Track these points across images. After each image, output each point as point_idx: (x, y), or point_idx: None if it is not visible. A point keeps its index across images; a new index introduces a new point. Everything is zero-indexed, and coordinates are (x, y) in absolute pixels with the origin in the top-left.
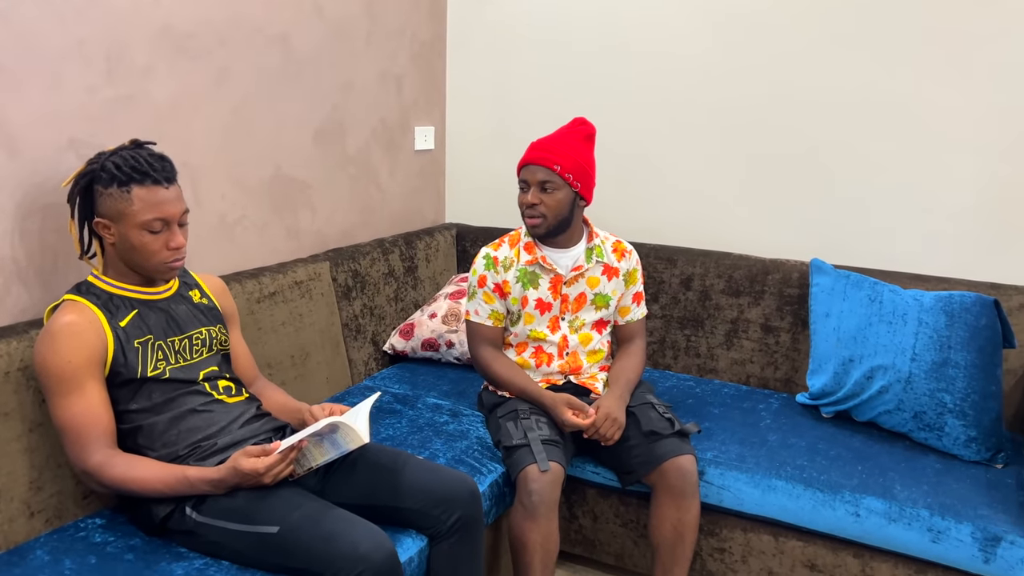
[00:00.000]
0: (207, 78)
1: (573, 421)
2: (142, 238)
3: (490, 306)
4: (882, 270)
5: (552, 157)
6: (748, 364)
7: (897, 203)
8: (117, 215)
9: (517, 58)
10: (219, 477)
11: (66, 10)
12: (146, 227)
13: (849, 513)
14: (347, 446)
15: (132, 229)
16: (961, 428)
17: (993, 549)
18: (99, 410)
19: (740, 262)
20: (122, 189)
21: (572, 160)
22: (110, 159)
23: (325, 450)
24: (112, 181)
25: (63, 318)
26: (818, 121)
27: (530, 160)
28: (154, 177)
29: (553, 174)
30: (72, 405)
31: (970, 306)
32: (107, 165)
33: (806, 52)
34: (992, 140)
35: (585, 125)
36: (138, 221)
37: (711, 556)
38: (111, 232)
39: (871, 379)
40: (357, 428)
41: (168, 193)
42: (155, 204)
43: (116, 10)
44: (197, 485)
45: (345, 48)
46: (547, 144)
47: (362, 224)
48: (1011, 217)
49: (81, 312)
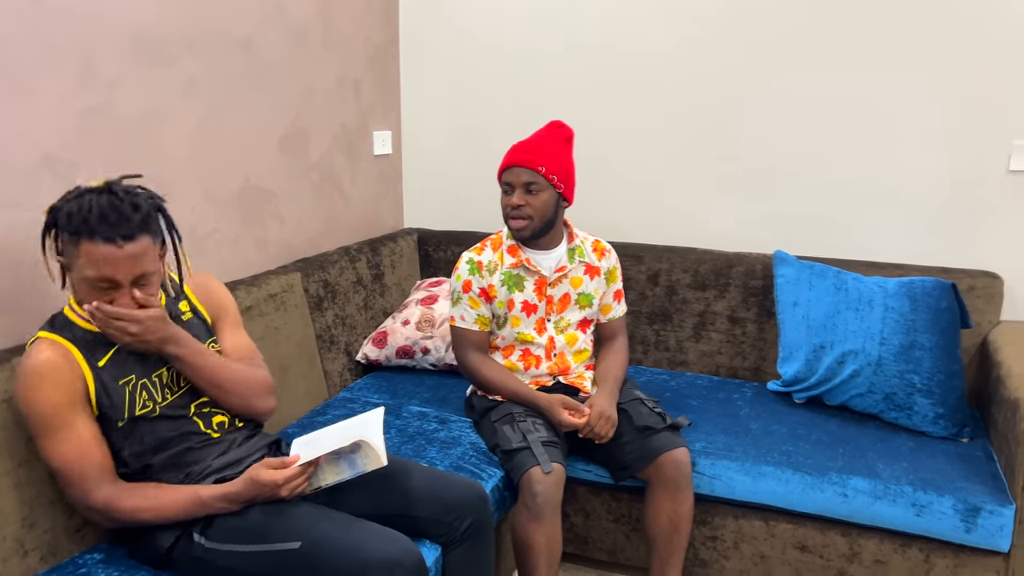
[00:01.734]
0: (176, 86)
1: (570, 421)
2: (88, 293)
3: (476, 311)
4: (841, 259)
5: (536, 159)
6: (717, 355)
7: (851, 195)
8: (69, 261)
9: (471, 60)
10: (235, 491)
11: (38, 19)
12: (90, 284)
13: (837, 494)
14: (364, 467)
15: (79, 281)
16: (929, 406)
17: (974, 519)
18: (91, 445)
19: (705, 256)
20: (72, 239)
21: (555, 161)
22: (69, 203)
23: (340, 469)
24: (65, 228)
25: (38, 356)
26: (774, 119)
27: (514, 162)
28: (104, 235)
29: (538, 175)
30: (61, 444)
31: (931, 290)
32: (64, 208)
33: (763, 52)
34: (936, 133)
35: (563, 128)
36: (82, 275)
37: (703, 545)
38: (69, 272)
39: (843, 364)
40: (379, 450)
41: (119, 253)
42: (100, 263)
43: (87, 17)
44: (212, 503)
45: (305, 53)
46: (529, 146)
47: (326, 232)
48: (955, 205)
49: (55, 350)
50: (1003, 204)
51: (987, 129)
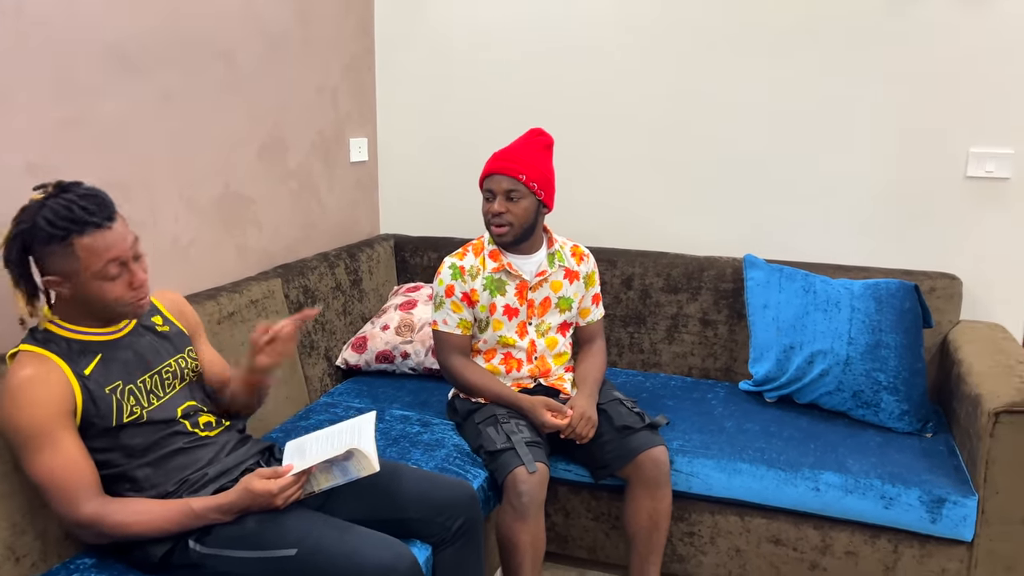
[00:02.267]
0: (155, 95)
1: (553, 422)
2: (101, 287)
3: (458, 315)
4: (808, 262)
5: (517, 167)
6: (689, 356)
7: (818, 201)
8: (68, 272)
9: (445, 69)
10: (229, 502)
11: (17, 30)
12: (101, 275)
13: (810, 488)
14: (356, 473)
15: (88, 282)
16: (895, 403)
17: (939, 510)
18: (78, 460)
19: (677, 260)
20: (64, 244)
21: (536, 169)
22: (40, 214)
23: (332, 476)
24: (50, 239)
25: (23, 371)
26: (744, 128)
27: (495, 170)
28: (93, 222)
29: (519, 183)
30: (48, 461)
31: (895, 291)
32: (39, 222)
33: (729, 64)
34: (897, 142)
35: (543, 136)
36: (91, 272)
37: (681, 540)
38: (65, 288)
39: (812, 363)
40: (371, 457)
41: (112, 233)
42: (103, 249)
43: (63, 29)
44: (204, 515)
45: (283, 62)
46: (510, 154)
47: (304, 239)
48: (916, 210)
49: (40, 364)
50: (961, 209)
51: (945, 138)
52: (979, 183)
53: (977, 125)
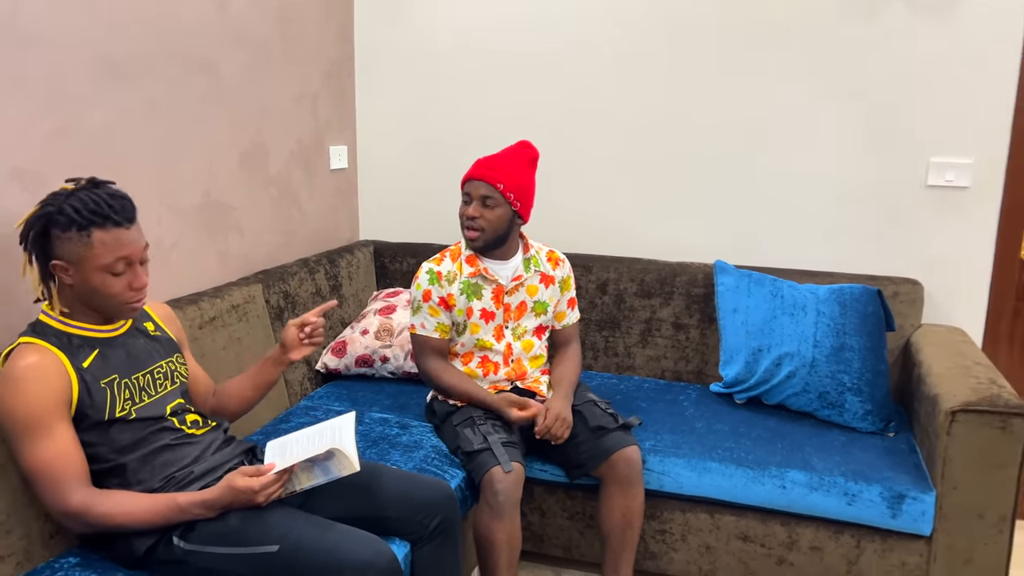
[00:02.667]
0: (139, 106)
1: (519, 415)
2: (104, 280)
3: (436, 319)
4: (776, 268)
5: (496, 175)
6: (662, 360)
7: (785, 209)
8: (77, 259)
9: (424, 76)
10: (213, 498)
11: (8, 43)
12: (108, 269)
13: (776, 486)
14: (337, 473)
15: (93, 272)
16: (859, 404)
17: (899, 505)
18: (71, 450)
19: (650, 266)
20: (82, 233)
21: (514, 180)
22: (68, 201)
23: (314, 475)
24: (71, 225)
25: (24, 360)
26: (714, 139)
27: (475, 175)
28: (115, 219)
29: (495, 191)
30: (43, 449)
31: (859, 296)
32: (65, 208)
33: (702, 78)
34: (861, 152)
35: (530, 149)
36: (100, 264)
37: (653, 538)
38: (69, 275)
39: (779, 366)
40: (352, 457)
41: (130, 234)
42: (117, 246)
43: (54, 41)
44: (189, 509)
45: (264, 71)
46: (492, 162)
47: (285, 245)
48: (880, 218)
49: (42, 354)
50: (922, 216)
51: (907, 148)
52: (940, 192)
53: (937, 136)
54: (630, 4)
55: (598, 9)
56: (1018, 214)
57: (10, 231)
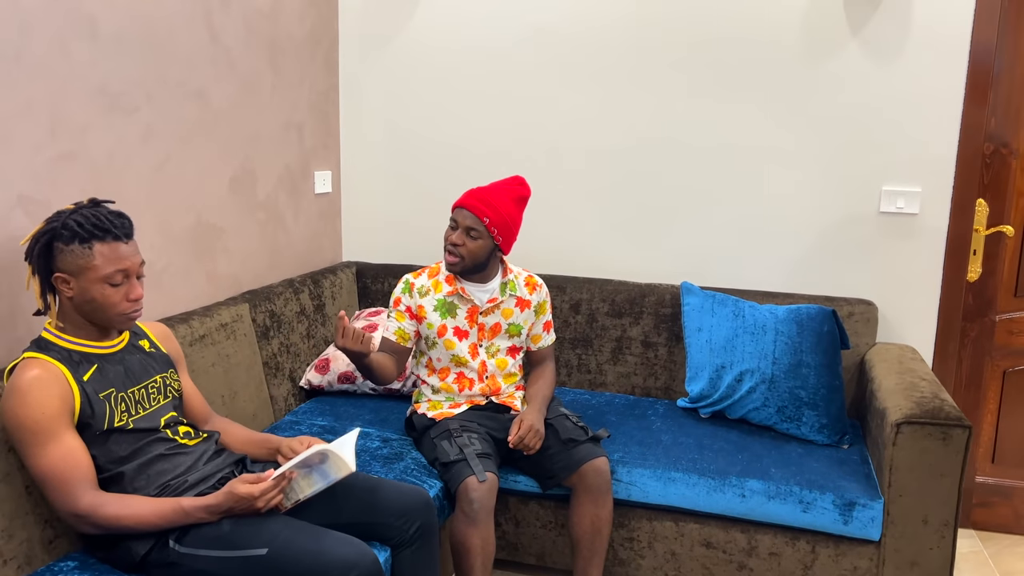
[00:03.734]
0: (136, 133)
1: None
2: (103, 291)
3: (399, 323)
4: (738, 289)
5: (484, 209)
6: (632, 376)
7: (747, 233)
8: (78, 270)
9: (405, 104)
10: (215, 503)
11: (16, 75)
12: (107, 280)
13: (736, 495)
14: (334, 475)
15: (93, 283)
16: (815, 417)
17: (850, 512)
18: (79, 454)
19: (620, 287)
20: (83, 246)
21: (501, 216)
22: (71, 217)
23: (313, 481)
24: (73, 238)
25: (29, 372)
26: (679, 166)
27: (465, 205)
28: (115, 233)
29: (480, 224)
30: (50, 454)
31: (815, 316)
32: (68, 223)
33: (670, 110)
34: (818, 180)
35: (522, 187)
36: (100, 275)
37: (621, 546)
38: (70, 287)
39: (741, 382)
40: (345, 457)
41: (127, 248)
42: (116, 259)
43: (59, 73)
44: (193, 513)
45: (254, 100)
46: (483, 195)
47: (271, 266)
48: (835, 242)
49: (45, 367)
50: (875, 241)
51: (860, 177)
52: (891, 218)
53: (888, 166)
54: (598, 40)
55: (570, 45)
56: (963, 239)
57: (16, 254)
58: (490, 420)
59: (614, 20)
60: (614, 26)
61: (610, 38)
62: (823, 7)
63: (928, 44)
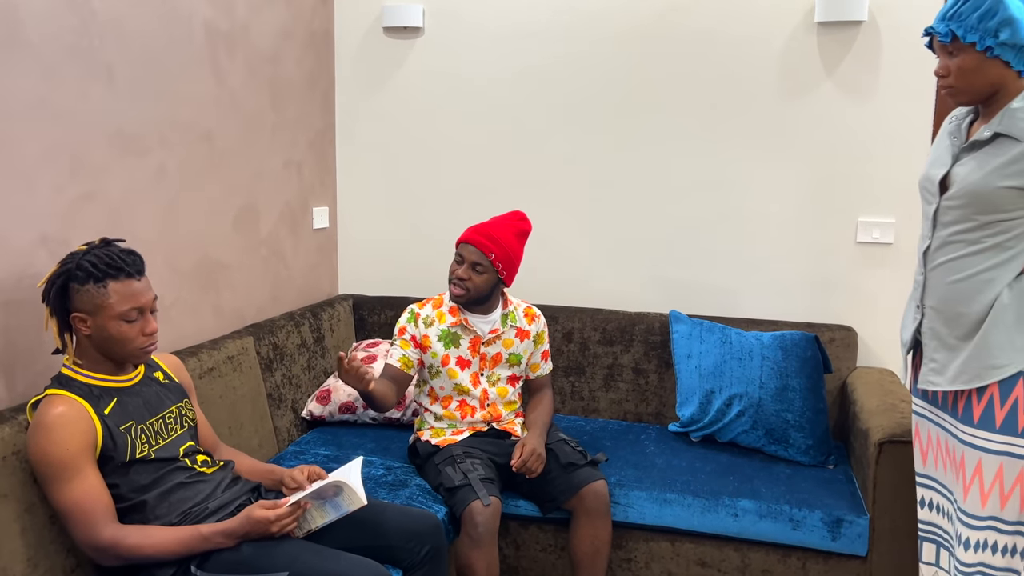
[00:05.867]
0: (149, 174)
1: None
2: (119, 328)
3: (403, 351)
4: (725, 317)
5: (490, 245)
6: (624, 402)
7: (733, 263)
8: (94, 309)
9: (399, 142)
10: (233, 527)
11: (41, 120)
12: (123, 317)
13: (729, 514)
14: (347, 508)
15: (110, 321)
16: (801, 439)
17: (838, 529)
18: (100, 490)
19: (611, 316)
20: (98, 285)
21: (504, 251)
22: (84, 258)
23: (326, 512)
24: (88, 278)
25: (54, 410)
26: (667, 199)
27: (470, 240)
28: (127, 271)
29: (485, 259)
30: (74, 489)
31: (799, 341)
32: (83, 264)
33: (657, 144)
34: (799, 212)
35: (523, 222)
36: (116, 313)
37: (620, 567)
38: (87, 325)
39: (730, 406)
40: (359, 492)
41: (140, 285)
42: (130, 296)
43: (79, 117)
44: (212, 538)
45: (256, 140)
46: (487, 231)
47: (272, 299)
48: (816, 271)
49: (69, 404)
50: (854, 270)
51: (837, 209)
52: (868, 247)
53: (864, 198)
54: (588, 80)
55: (560, 85)
56: None
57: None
58: (492, 446)
59: (603, 60)
60: (603, 65)
61: (599, 77)
62: (799, 49)
63: (897, 83)
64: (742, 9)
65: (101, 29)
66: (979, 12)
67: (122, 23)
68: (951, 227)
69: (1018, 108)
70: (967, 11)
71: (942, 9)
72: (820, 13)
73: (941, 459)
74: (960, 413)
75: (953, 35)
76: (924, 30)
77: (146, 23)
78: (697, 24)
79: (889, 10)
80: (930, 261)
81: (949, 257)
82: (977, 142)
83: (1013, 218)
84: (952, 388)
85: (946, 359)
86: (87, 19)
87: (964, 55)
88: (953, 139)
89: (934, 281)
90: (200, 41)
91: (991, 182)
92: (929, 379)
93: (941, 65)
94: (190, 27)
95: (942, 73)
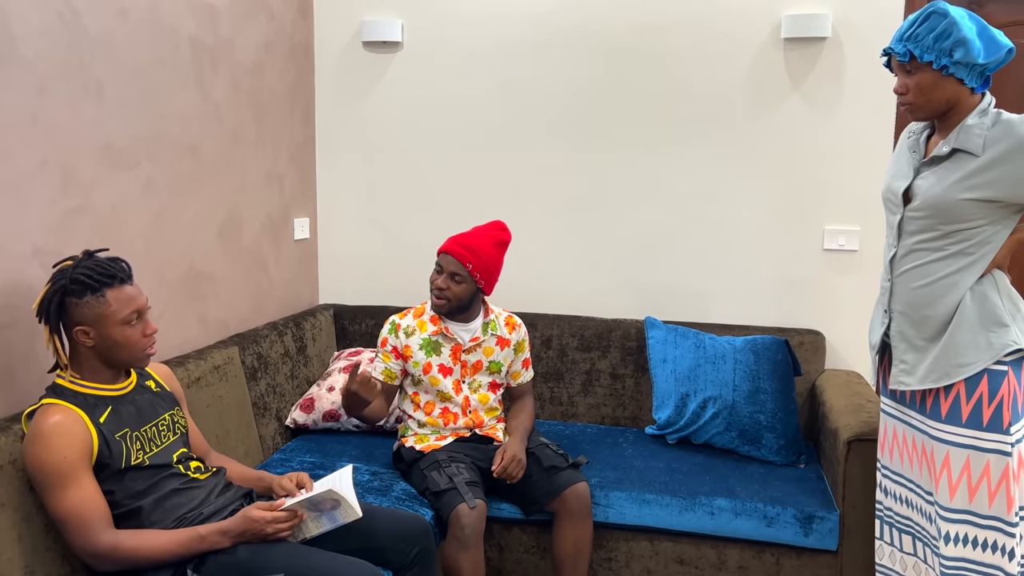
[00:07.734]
0: (137, 187)
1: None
2: (124, 332)
3: (385, 364)
4: (698, 322)
5: (468, 255)
6: (602, 407)
7: (705, 270)
8: (96, 319)
9: (379, 154)
10: (229, 526)
11: (33, 136)
12: (125, 322)
13: (706, 513)
14: (342, 520)
15: (113, 327)
16: (773, 439)
17: (810, 525)
18: (96, 497)
19: (589, 323)
20: (96, 295)
21: (483, 261)
22: (76, 272)
23: (321, 524)
24: (85, 290)
25: (51, 419)
26: (641, 208)
27: (449, 251)
28: (120, 277)
29: (464, 269)
30: (71, 497)
31: (769, 345)
32: (76, 277)
33: (631, 157)
34: (768, 220)
35: (503, 232)
36: (118, 319)
37: (600, 566)
38: (91, 336)
39: (704, 408)
40: (355, 506)
41: (133, 289)
42: (127, 300)
43: (70, 132)
44: (208, 537)
45: (239, 153)
46: (467, 242)
47: (255, 310)
48: (785, 277)
49: (65, 412)
50: (821, 276)
51: (805, 218)
52: (834, 254)
53: (830, 207)
54: (564, 94)
55: (537, 99)
56: None
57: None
58: (475, 451)
59: (579, 76)
60: (579, 80)
61: (575, 92)
62: (767, 64)
63: (860, 97)
64: (713, 26)
65: (92, 45)
66: (935, 33)
67: (112, 39)
68: (916, 236)
69: (973, 124)
70: (923, 32)
71: (899, 30)
72: (786, 30)
73: (915, 459)
74: (928, 409)
75: (911, 55)
76: (883, 50)
77: (135, 39)
78: (669, 40)
79: (852, 27)
80: (896, 268)
81: (915, 264)
82: (937, 157)
83: (973, 227)
84: (922, 387)
85: (915, 360)
86: (79, 36)
87: (921, 73)
88: (913, 153)
89: (901, 287)
90: (186, 56)
91: (952, 195)
92: (900, 380)
93: (900, 83)
94: (176, 42)
95: (901, 91)
